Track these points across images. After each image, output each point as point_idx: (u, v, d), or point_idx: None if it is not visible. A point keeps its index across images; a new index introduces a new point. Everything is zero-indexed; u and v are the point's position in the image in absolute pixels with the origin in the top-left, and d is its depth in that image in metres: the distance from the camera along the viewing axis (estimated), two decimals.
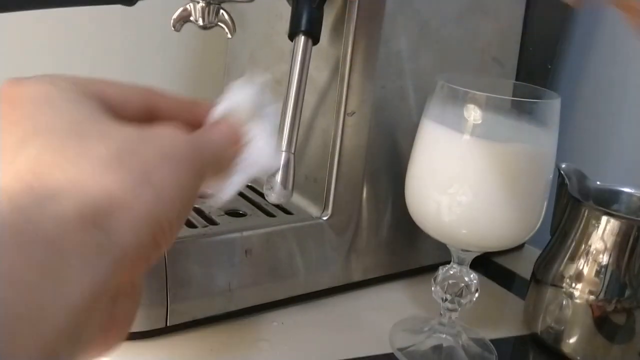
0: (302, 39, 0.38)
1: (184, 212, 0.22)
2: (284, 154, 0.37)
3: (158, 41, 0.61)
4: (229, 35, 0.42)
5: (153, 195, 0.20)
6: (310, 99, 0.46)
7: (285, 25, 0.39)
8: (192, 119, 0.27)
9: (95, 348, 0.21)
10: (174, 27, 0.41)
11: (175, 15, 0.40)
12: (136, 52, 0.62)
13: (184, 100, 0.27)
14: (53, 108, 0.20)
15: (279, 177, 0.36)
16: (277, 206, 0.47)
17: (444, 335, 0.44)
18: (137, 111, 0.24)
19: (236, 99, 0.28)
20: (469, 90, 0.37)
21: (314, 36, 0.38)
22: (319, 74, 0.46)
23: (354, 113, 0.45)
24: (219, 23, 0.41)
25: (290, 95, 0.37)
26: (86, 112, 0.21)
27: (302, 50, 0.38)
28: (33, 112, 0.20)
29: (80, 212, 0.18)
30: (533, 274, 0.48)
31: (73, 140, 0.20)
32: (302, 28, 0.38)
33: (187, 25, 0.41)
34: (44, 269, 0.16)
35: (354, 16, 0.42)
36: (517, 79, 0.54)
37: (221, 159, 0.26)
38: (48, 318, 0.16)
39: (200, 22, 0.40)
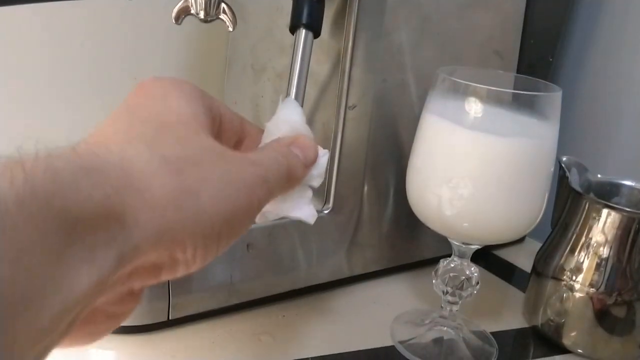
0: (303, 32, 0.38)
1: (225, 239, 0.21)
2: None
3: (159, 34, 0.61)
4: (230, 29, 0.42)
5: (190, 213, 0.19)
6: (311, 93, 0.46)
7: (286, 18, 0.39)
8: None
9: (74, 339, 0.21)
10: (175, 20, 0.41)
11: (176, 8, 0.40)
12: (137, 45, 0.62)
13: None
14: (164, 103, 0.22)
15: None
16: None
17: (445, 328, 0.45)
18: (236, 132, 0.28)
19: (294, 118, 0.31)
20: (470, 83, 0.37)
21: (315, 30, 0.38)
22: (320, 67, 0.46)
23: (355, 106, 0.45)
24: (220, 16, 0.41)
25: (292, 88, 0.37)
26: (187, 115, 0.22)
27: (303, 44, 0.38)
28: (145, 101, 0.22)
29: (108, 197, 0.17)
30: (534, 267, 0.48)
31: (152, 132, 0.20)
32: (303, 21, 0.38)
33: (188, 19, 0.41)
34: (51, 252, 0.16)
35: (355, 9, 0.42)
36: (518, 71, 0.54)
37: (292, 181, 0.27)
38: (47, 304, 0.16)
39: (202, 15, 0.40)
